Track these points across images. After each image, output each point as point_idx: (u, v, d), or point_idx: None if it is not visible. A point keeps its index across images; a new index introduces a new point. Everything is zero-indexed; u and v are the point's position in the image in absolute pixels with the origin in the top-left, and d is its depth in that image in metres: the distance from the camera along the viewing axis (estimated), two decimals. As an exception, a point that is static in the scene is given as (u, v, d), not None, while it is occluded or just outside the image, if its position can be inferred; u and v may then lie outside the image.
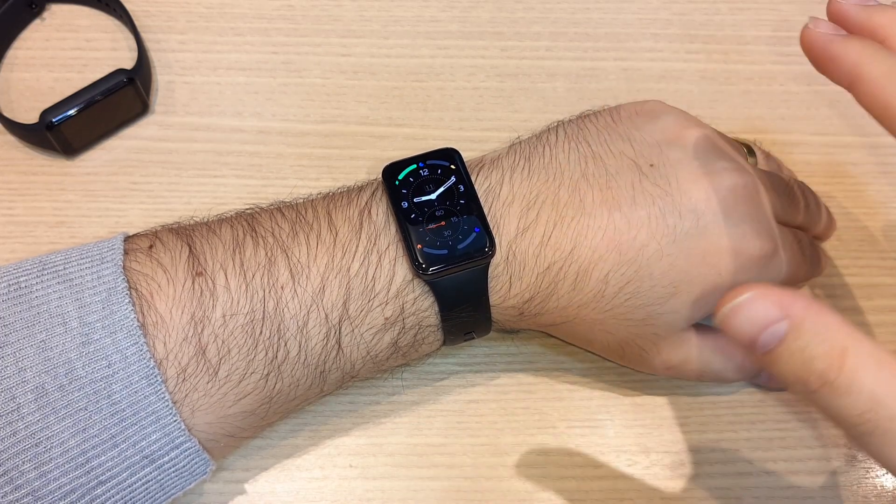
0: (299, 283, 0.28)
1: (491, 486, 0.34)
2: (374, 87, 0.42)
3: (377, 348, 0.30)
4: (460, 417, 0.35)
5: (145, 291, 0.27)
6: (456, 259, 0.29)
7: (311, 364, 0.29)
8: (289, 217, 0.30)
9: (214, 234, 0.29)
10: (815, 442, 0.35)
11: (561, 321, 0.31)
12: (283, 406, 0.30)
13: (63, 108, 0.37)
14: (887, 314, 0.37)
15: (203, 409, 0.27)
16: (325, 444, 0.34)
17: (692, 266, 0.30)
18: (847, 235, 0.39)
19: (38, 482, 0.25)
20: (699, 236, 0.30)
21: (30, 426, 0.25)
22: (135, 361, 0.26)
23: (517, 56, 0.43)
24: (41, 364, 0.25)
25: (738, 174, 0.31)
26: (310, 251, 0.29)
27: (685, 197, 0.30)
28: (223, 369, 0.27)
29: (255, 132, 0.41)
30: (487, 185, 0.31)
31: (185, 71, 0.42)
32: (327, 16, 0.44)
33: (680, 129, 0.32)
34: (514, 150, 0.32)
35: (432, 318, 0.30)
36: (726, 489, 0.34)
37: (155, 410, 0.26)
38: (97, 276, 0.27)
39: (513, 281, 0.30)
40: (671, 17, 0.44)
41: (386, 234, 0.29)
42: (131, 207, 0.38)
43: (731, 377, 0.34)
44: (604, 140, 0.32)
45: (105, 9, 0.43)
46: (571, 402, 0.35)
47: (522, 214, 0.30)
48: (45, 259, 0.28)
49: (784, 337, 0.22)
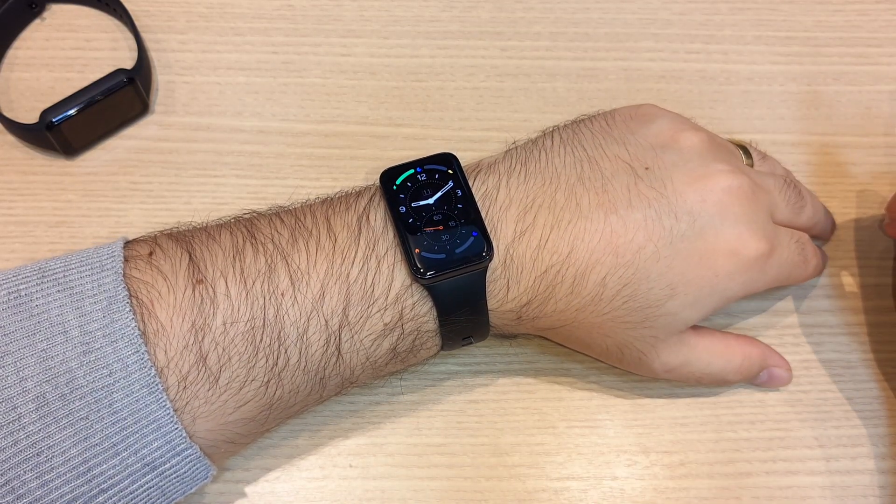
0: (299, 289, 0.28)
1: (491, 486, 0.34)
2: (373, 87, 0.42)
3: (376, 354, 0.30)
4: (460, 417, 0.35)
5: (146, 300, 0.27)
6: (454, 263, 0.29)
7: (311, 371, 0.29)
8: (288, 223, 0.30)
9: (214, 240, 0.29)
10: (815, 442, 0.35)
11: (559, 325, 0.31)
12: (284, 412, 0.30)
13: (63, 108, 0.37)
14: (887, 314, 0.37)
15: (204, 417, 0.27)
16: (325, 444, 0.34)
17: (689, 267, 0.30)
18: (847, 235, 0.39)
19: (39, 491, 0.25)
20: (695, 238, 0.30)
21: (31, 435, 0.25)
22: (136, 370, 0.26)
23: (517, 56, 0.43)
24: (42, 373, 0.25)
25: (734, 175, 0.31)
26: (309, 258, 0.29)
27: (681, 199, 0.30)
28: (224, 377, 0.27)
29: (255, 132, 0.41)
30: (484, 189, 0.31)
31: (185, 71, 0.42)
32: (327, 16, 0.44)
33: (674, 132, 0.32)
34: (510, 155, 0.32)
35: (431, 322, 0.30)
36: (726, 489, 0.34)
37: (156, 418, 0.26)
38: (97, 284, 0.27)
39: (510, 285, 0.30)
40: (671, 17, 0.44)
41: (384, 240, 0.29)
42: (131, 207, 0.38)
43: (731, 379, 0.34)
44: (599, 144, 0.32)
45: (105, 9, 0.43)
46: (571, 402, 0.35)
47: (519, 218, 0.30)
48: (45, 266, 0.28)
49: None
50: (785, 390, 0.36)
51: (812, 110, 0.42)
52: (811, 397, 0.36)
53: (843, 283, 0.38)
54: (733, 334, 0.35)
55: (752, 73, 0.43)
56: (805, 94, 0.43)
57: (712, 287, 0.31)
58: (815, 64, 0.43)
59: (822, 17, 0.44)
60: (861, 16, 0.44)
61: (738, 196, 0.31)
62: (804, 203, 0.35)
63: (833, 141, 0.41)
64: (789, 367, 0.35)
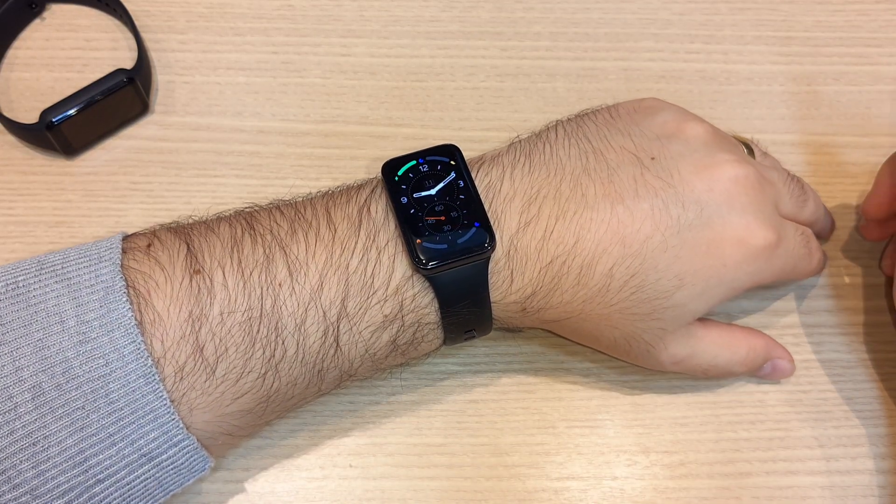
0: (297, 280, 0.28)
1: (491, 486, 0.34)
2: (373, 87, 0.42)
3: (375, 346, 0.30)
4: (460, 417, 0.35)
5: (143, 289, 0.27)
6: (455, 253, 0.29)
7: (308, 362, 0.29)
8: (287, 215, 0.29)
9: (213, 232, 0.29)
10: (815, 442, 0.35)
11: (565, 317, 0.31)
12: (281, 405, 0.30)
13: (63, 107, 0.37)
14: (887, 314, 0.37)
15: (201, 408, 0.27)
16: (325, 444, 0.34)
17: (697, 257, 0.30)
18: (847, 235, 0.39)
19: (36, 481, 0.25)
20: (703, 227, 0.30)
21: (27, 425, 0.25)
22: (132, 360, 0.26)
23: (517, 56, 0.43)
24: (38, 363, 0.25)
25: (741, 165, 0.31)
26: (308, 248, 0.28)
27: (688, 188, 0.30)
28: (221, 368, 0.27)
29: (255, 132, 0.41)
30: (488, 181, 0.31)
31: (185, 71, 0.42)
32: (327, 16, 0.44)
33: (679, 123, 0.32)
34: (514, 148, 0.32)
35: (432, 315, 0.30)
36: (726, 489, 0.34)
37: (153, 409, 0.26)
38: (95, 274, 0.27)
39: (514, 276, 0.30)
40: (671, 17, 0.44)
41: (385, 231, 0.29)
42: (131, 207, 0.38)
43: (737, 371, 0.34)
44: (603, 136, 0.32)
45: (105, 9, 0.43)
46: (571, 402, 0.35)
47: (524, 209, 0.30)
48: (44, 259, 0.28)
49: None
50: (785, 390, 0.36)
51: (812, 110, 0.42)
52: (811, 397, 0.36)
53: (843, 283, 0.38)
54: (738, 326, 0.35)
55: (752, 73, 0.43)
56: (805, 94, 0.43)
57: (720, 277, 0.30)
58: (815, 64, 0.43)
59: (822, 17, 0.44)
60: (861, 16, 0.44)
61: (745, 185, 0.31)
62: (807, 198, 0.35)
63: (833, 141, 0.41)
64: (792, 359, 0.35)
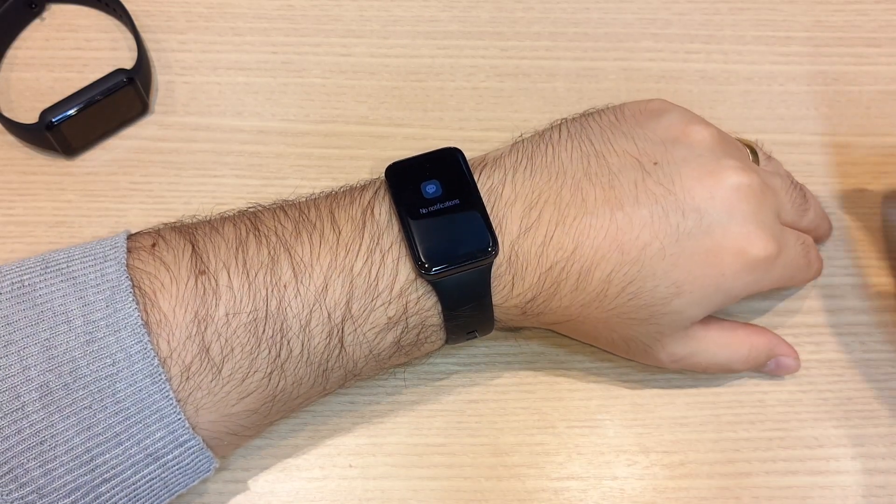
0: (302, 281, 0.28)
1: (491, 486, 0.34)
2: (373, 87, 0.42)
3: (380, 347, 0.30)
4: (460, 417, 0.35)
5: (149, 290, 0.27)
6: (459, 259, 0.29)
7: (313, 363, 0.29)
8: (292, 216, 0.30)
9: (217, 232, 0.29)
10: (815, 442, 0.35)
11: (564, 320, 0.31)
12: (286, 405, 0.30)
13: (63, 108, 0.37)
14: (887, 314, 0.37)
15: (207, 408, 0.27)
16: (325, 444, 0.34)
17: (695, 265, 0.30)
18: (847, 235, 0.39)
19: (42, 480, 0.25)
20: (703, 235, 0.30)
21: (34, 424, 0.25)
22: (139, 360, 0.26)
23: (517, 56, 0.43)
24: (45, 362, 0.25)
25: (744, 173, 0.31)
26: (313, 250, 0.28)
27: (689, 195, 0.30)
28: (226, 368, 0.27)
29: (255, 132, 0.41)
30: (490, 184, 0.31)
31: (185, 71, 0.42)
32: (327, 16, 0.44)
33: (685, 126, 0.32)
34: (516, 149, 0.32)
35: (435, 317, 0.30)
36: (726, 489, 0.34)
37: (159, 409, 0.26)
38: (101, 274, 0.27)
39: (515, 281, 0.30)
40: (671, 17, 0.44)
41: (389, 233, 0.29)
42: (131, 207, 0.38)
43: (738, 368, 0.34)
44: (607, 138, 0.32)
45: (105, 9, 0.43)
46: (571, 402, 0.35)
47: (525, 214, 0.30)
48: (48, 257, 0.28)
49: None
50: (785, 390, 0.36)
51: (812, 110, 0.42)
52: (811, 397, 0.36)
53: (843, 283, 0.38)
54: (741, 323, 0.35)
55: (752, 73, 0.43)
56: (805, 94, 0.43)
57: (718, 286, 0.30)
58: (815, 64, 0.43)
59: (822, 17, 0.44)
60: (861, 16, 0.44)
61: (747, 194, 0.31)
62: (808, 206, 0.35)
63: (833, 141, 0.41)
64: (797, 355, 0.35)
